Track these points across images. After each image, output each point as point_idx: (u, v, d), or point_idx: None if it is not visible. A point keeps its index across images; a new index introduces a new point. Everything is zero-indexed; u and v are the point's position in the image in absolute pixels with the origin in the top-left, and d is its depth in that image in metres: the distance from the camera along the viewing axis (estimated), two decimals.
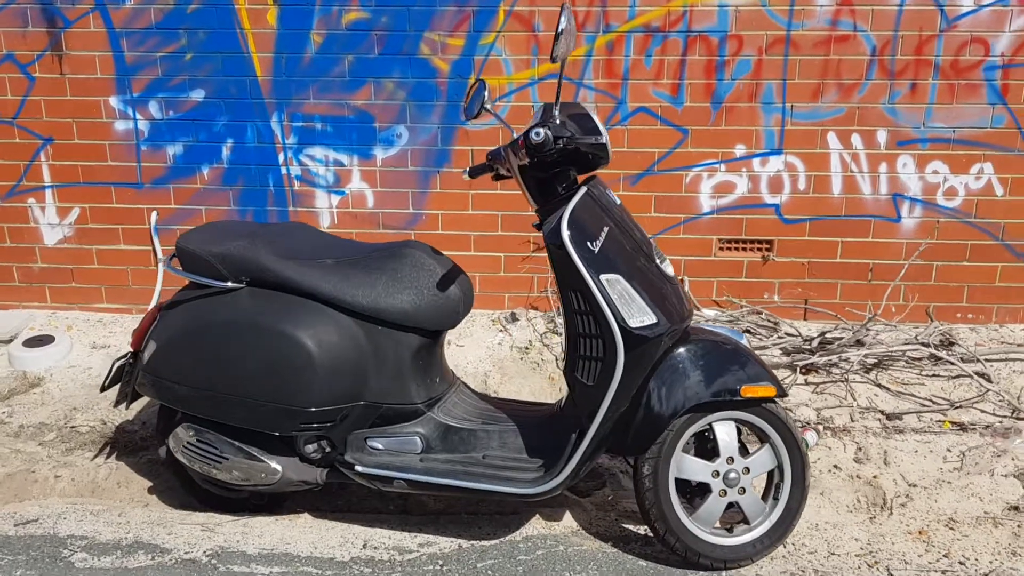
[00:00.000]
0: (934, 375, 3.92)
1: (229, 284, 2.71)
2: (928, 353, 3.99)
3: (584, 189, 2.51)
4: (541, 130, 2.38)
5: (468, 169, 2.93)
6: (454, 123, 4.13)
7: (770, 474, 2.71)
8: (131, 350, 2.98)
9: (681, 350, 2.57)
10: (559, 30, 2.28)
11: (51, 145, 4.23)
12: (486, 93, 2.85)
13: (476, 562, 2.71)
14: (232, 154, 4.22)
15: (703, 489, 2.66)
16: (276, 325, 2.63)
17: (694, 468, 2.63)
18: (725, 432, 2.64)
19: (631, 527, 2.96)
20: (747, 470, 2.65)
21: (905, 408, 3.67)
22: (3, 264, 4.42)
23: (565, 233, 2.42)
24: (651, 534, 2.89)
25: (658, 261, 2.58)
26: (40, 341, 4.06)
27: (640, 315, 2.43)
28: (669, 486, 2.60)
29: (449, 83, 4.08)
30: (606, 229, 2.50)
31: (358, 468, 2.69)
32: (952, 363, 3.86)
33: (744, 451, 2.67)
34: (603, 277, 2.42)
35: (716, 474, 2.63)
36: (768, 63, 3.99)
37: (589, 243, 2.44)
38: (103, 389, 3.02)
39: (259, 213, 4.29)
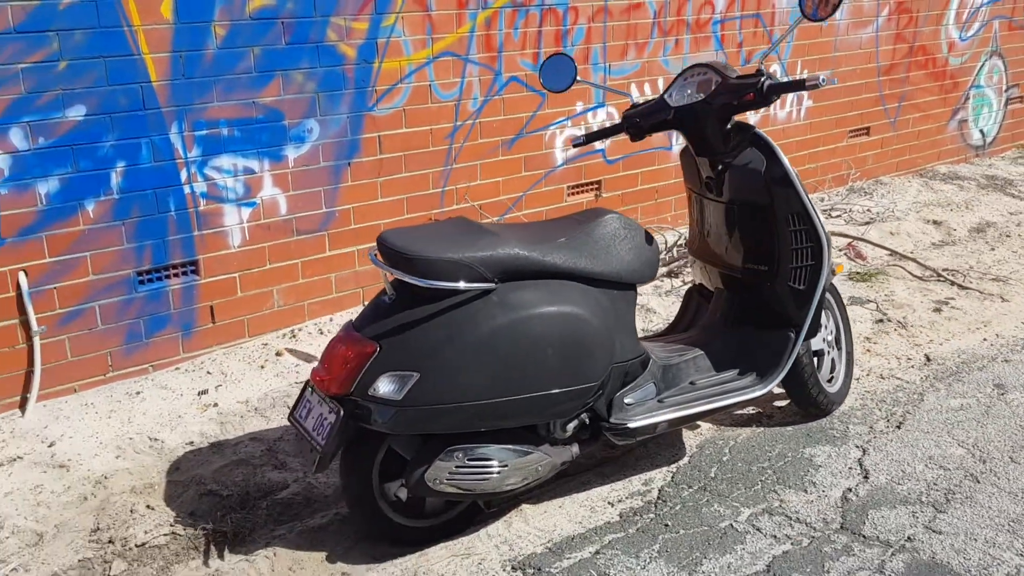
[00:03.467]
0: None
1: (484, 285, 2.56)
2: None
3: (759, 130, 3.02)
4: (823, 75, 2.82)
5: (584, 136, 3.17)
6: (361, 111, 3.97)
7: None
8: (331, 396, 2.57)
9: None
10: None
11: None
12: (576, 65, 3.12)
13: (707, 472, 3.10)
14: (124, 180, 3.42)
15: (818, 355, 3.42)
16: (563, 310, 2.62)
17: (818, 341, 3.37)
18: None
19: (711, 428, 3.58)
20: (831, 332, 3.50)
21: None
22: None
23: (788, 166, 2.93)
24: (758, 411, 3.58)
25: None
26: None
27: (823, 221, 3.08)
28: (813, 358, 3.32)
29: (356, 69, 3.90)
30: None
31: (631, 425, 2.84)
32: None
33: None
34: (810, 196, 3.00)
35: (825, 341, 3.43)
36: (594, 30, 4.68)
37: (793, 170, 2.99)
38: (321, 468, 2.55)
39: (158, 247, 3.57)
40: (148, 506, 2.96)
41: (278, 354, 3.85)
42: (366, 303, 4.23)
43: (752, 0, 5.37)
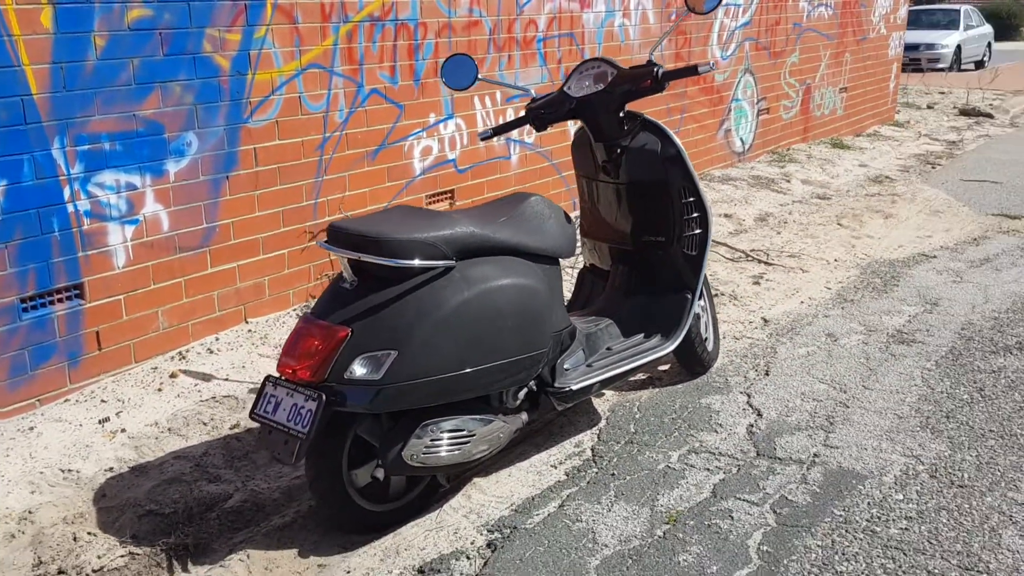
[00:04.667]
0: None
1: (446, 263, 2.72)
2: None
3: (648, 116, 3.40)
4: (711, 62, 3.20)
5: (492, 128, 3.41)
6: (237, 123, 3.94)
7: None
8: (304, 384, 2.61)
9: None
10: None
11: None
12: (476, 65, 3.40)
13: (627, 429, 3.41)
14: (6, 200, 3.19)
15: (696, 318, 3.86)
16: (517, 282, 2.82)
17: (696, 307, 3.81)
18: None
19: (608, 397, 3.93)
20: (703, 298, 3.95)
21: None
22: None
23: (680, 145, 3.32)
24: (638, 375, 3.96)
25: None
26: None
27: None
28: (697, 320, 3.75)
29: (231, 80, 3.87)
30: None
31: (572, 387, 3.09)
32: None
33: None
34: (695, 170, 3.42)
35: (700, 306, 3.87)
36: (441, 44, 4.93)
37: (684, 149, 3.38)
38: (300, 456, 2.56)
39: (42, 270, 3.35)
40: (89, 533, 2.80)
41: (172, 376, 3.71)
42: (248, 320, 4.17)
43: (567, 21, 5.87)
